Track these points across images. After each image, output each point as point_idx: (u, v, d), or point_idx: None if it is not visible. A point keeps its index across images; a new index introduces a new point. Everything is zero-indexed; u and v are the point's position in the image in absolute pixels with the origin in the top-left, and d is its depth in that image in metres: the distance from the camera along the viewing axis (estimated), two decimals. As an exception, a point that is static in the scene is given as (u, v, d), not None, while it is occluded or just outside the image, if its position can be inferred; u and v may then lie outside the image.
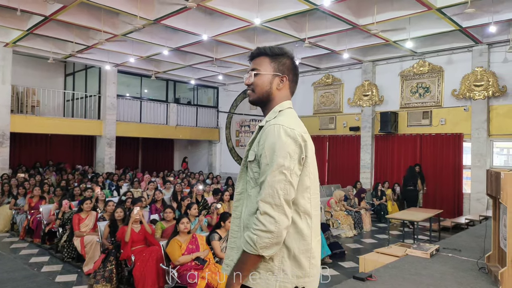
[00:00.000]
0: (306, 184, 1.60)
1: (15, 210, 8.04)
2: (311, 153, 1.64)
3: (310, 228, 1.61)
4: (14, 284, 5.01)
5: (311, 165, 1.63)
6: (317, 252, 1.66)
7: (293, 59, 1.78)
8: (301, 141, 1.56)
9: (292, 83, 1.77)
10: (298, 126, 1.62)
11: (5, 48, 11.11)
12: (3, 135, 11.16)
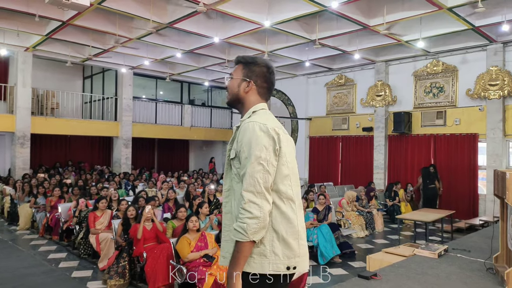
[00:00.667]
0: (284, 172, 1.76)
1: (35, 209, 8.35)
2: (285, 144, 1.79)
3: (295, 212, 1.77)
4: (33, 279, 5.24)
5: (288, 156, 1.79)
6: (304, 234, 1.81)
7: (266, 67, 1.95)
8: (273, 134, 1.73)
9: (261, 89, 1.94)
10: (271, 122, 1.79)
11: (26, 53, 11.53)
12: (24, 136, 11.57)
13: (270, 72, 1.97)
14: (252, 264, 1.71)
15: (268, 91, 1.98)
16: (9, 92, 12.00)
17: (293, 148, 1.89)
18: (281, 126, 1.83)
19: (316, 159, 14.03)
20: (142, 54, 11.45)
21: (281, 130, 1.81)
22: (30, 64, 11.74)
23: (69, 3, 4.37)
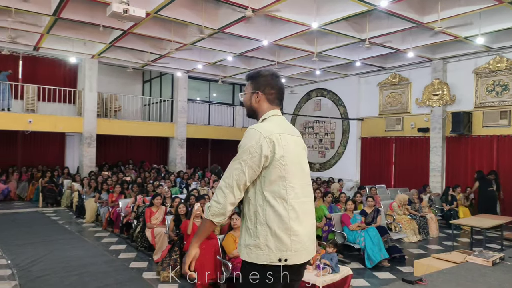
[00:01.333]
0: (278, 174, 1.98)
1: (99, 203, 9.10)
2: (284, 149, 2.00)
3: (287, 211, 1.98)
4: (95, 267, 5.75)
5: (286, 159, 2.00)
6: (300, 231, 2.01)
7: (270, 75, 2.19)
8: (266, 142, 1.96)
9: (270, 95, 2.18)
10: (272, 129, 2.02)
11: (92, 60, 12.55)
12: (91, 136, 12.60)
13: (274, 78, 2.19)
14: (250, 255, 1.98)
15: (277, 95, 2.20)
16: (78, 96, 13.14)
17: (296, 150, 2.08)
18: (284, 131, 2.05)
19: (368, 160, 13.71)
20: (195, 58, 11.97)
21: (284, 135, 2.03)
22: (95, 70, 12.76)
23: (127, 16, 4.78)
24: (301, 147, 2.17)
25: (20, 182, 12.47)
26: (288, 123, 2.22)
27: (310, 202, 2.14)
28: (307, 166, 2.21)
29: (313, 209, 2.18)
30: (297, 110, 16.53)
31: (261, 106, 2.18)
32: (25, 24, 9.30)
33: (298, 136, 2.20)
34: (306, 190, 2.12)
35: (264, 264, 1.95)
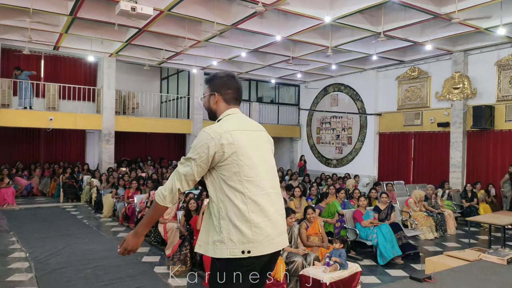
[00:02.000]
0: (232, 170, 2.06)
1: (116, 199, 9.29)
2: (236, 147, 2.07)
3: (245, 204, 2.05)
4: (109, 260, 5.89)
5: (240, 155, 2.07)
6: (262, 224, 2.07)
7: (226, 76, 2.27)
8: (212, 143, 2.04)
9: (226, 95, 2.26)
10: (222, 128, 2.10)
11: (110, 58, 12.79)
12: (109, 133, 12.87)
13: (230, 79, 2.27)
14: (216, 251, 2.05)
15: (234, 95, 2.27)
16: (97, 94, 13.43)
17: (254, 145, 2.14)
18: (237, 128, 2.12)
19: (386, 156, 13.47)
20: (210, 55, 12.02)
21: (235, 132, 2.10)
22: (114, 68, 13.00)
23: (135, 13, 4.85)
24: (263, 141, 2.25)
25: (42, 178, 12.88)
26: (247, 119, 2.29)
27: (276, 193, 2.20)
28: (271, 159, 2.28)
29: (279, 200, 2.23)
30: (313, 105, 16.39)
31: (219, 107, 2.27)
32: (44, 24, 9.55)
33: (259, 130, 2.28)
34: (272, 182, 2.18)
35: (229, 257, 2.02)
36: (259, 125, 2.33)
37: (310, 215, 5.59)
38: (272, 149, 2.35)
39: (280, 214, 2.20)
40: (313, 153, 16.36)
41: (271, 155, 2.29)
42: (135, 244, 2.17)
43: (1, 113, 11.19)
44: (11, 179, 11.23)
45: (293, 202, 7.60)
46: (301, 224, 5.50)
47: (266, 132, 2.34)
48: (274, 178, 2.23)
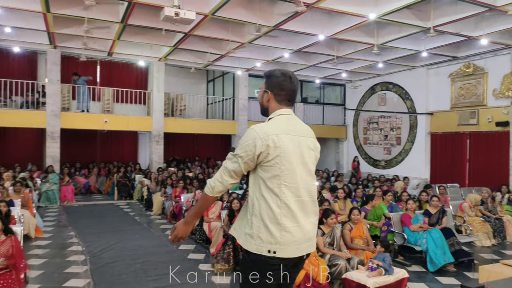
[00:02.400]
0: (273, 173, 2.11)
1: (164, 197, 9.66)
2: (281, 151, 2.11)
3: (279, 208, 2.09)
4: (157, 256, 6.15)
5: (282, 158, 2.11)
6: (292, 229, 2.11)
7: (282, 76, 2.26)
8: (259, 142, 2.09)
9: (278, 96, 2.27)
10: (272, 129, 2.13)
11: (159, 62, 13.34)
12: (159, 135, 13.42)
13: (285, 80, 2.26)
14: (246, 243, 2.15)
15: (286, 97, 2.27)
16: (148, 97, 14.05)
17: (298, 151, 2.16)
18: (285, 132, 2.13)
19: (438, 157, 12.80)
20: (254, 56, 12.13)
21: (282, 136, 2.12)
22: (163, 72, 13.54)
23: (178, 19, 5.03)
24: (308, 148, 2.25)
25: (99, 176, 13.69)
26: (297, 123, 2.29)
27: (311, 202, 2.22)
28: (312, 167, 2.28)
29: (313, 209, 2.24)
30: (360, 105, 15.98)
31: (271, 105, 2.29)
32: (99, 32, 10.17)
33: (306, 136, 2.26)
34: (308, 189, 2.20)
35: (255, 253, 2.09)
36: (308, 130, 2.32)
37: (355, 215, 5.47)
38: (316, 156, 2.33)
39: (311, 222, 2.22)
40: (359, 154, 15.94)
41: (313, 163, 2.29)
42: (184, 232, 2.29)
43: (61, 116, 12.07)
44: (71, 177, 12.07)
45: (337, 204, 7.47)
46: (345, 226, 5.40)
47: (314, 139, 2.33)
48: (311, 186, 2.24)
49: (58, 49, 11.92)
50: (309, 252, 2.22)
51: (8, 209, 5.64)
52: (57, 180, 11.08)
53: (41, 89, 12.76)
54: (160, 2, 7.71)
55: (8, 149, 13.46)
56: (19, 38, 10.89)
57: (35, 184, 10.38)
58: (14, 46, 11.51)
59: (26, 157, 13.32)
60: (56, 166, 11.79)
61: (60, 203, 10.85)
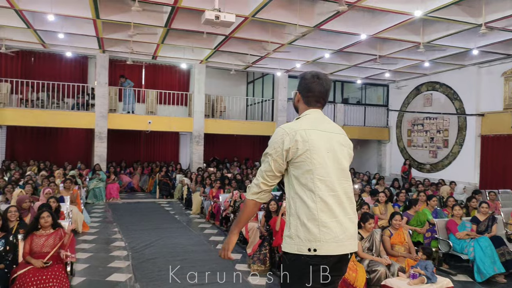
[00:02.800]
0: (305, 168, 2.10)
1: (203, 197, 9.84)
2: (310, 145, 2.11)
3: (315, 202, 2.07)
4: (195, 255, 6.27)
5: (313, 153, 2.10)
6: (331, 224, 2.06)
7: (311, 78, 2.28)
8: (287, 138, 2.11)
9: (306, 98, 2.31)
10: (299, 126, 2.16)
11: (200, 65, 13.63)
12: (199, 135, 13.70)
13: (314, 82, 2.28)
14: (285, 245, 2.12)
15: (314, 98, 2.29)
16: (189, 98, 14.40)
17: (328, 146, 2.14)
18: (314, 128, 2.15)
19: (489, 161, 12.05)
20: (294, 57, 12.06)
21: (311, 131, 2.14)
22: (204, 74, 13.82)
23: (219, 22, 5.11)
24: (340, 143, 2.22)
25: (142, 175, 14.22)
26: (326, 121, 2.28)
27: (346, 197, 2.16)
28: (345, 163, 2.23)
29: (350, 205, 2.18)
30: (404, 106, 15.41)
31: (300, 106, 2.35)
32: (144, 36, 10.57)
33: (337, 133, 2.25)
34: (342, 185, 2.16)
35: (296, 253, 2.06)
36: (339, 128, 2.31)
37: (396, 221, 5.27)
38: (350, 153, 2.29)
39: (350, 219, 2.15)
40: (403, 156, 15.36)
41: (346, 158, 2.24)
42: (228, 242, 2.26)
43: (109, 117, 12.67)
44: (116, 176, 12.62)
45: (377, 208, 7.24)
46: (384, 231, 5.22)
47: (345, 136, 2.30)
48: (345, 182, 2.19)
49: (106, 53, 12.53)
50: (351, 251, 2.14)
51: (58, 204, 5.99)
52: (104, 178, 11.63)
53: (91, 91, 13.48)
54: (202, 6, 7.90)
55: (60, 149, 14.33)
56: (71, 44, 11.56)
57: (84, 181, 10.96)
58: (66, 51, 12.23)
59: (76, 156, 14.13)
60: (103, 165, 12.39)
61: (106, 200, 11.37)
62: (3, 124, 12.08)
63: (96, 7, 8.29)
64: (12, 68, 13.16)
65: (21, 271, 3.90)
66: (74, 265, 5.17)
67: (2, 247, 4.10)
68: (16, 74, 13.04)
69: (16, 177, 9.33)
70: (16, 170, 10.64)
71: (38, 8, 8.59)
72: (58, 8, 8.56)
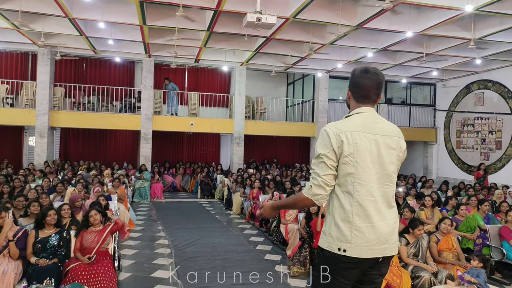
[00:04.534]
0: (347, 171, 2.07)
1: (243, 198, 9.93)
2: (354, 148, 2.07)
3: (351, 206, 2.06)
4: (235, 255, 6.34)
5: (357, 156, 2.07)
6: (364, 229, 2.05)
7: (358, 72, 2.22)
8: (335, 138, 2.08)
9: (355, 94, 2.25)
10: (344, 127, 2.12)
11: (241, 67, 13.78)
12: (239, 137, 13.85)
13: (361, 76, 2.20)
14: (320, 240, 2.19)
15: (362, 94, 2.21)
16: (230, 100, 14.60)
17: (375, 149, 2.09)
18: (360, 130, 2.10)
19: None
20: (335, 57, 11.88)
21: (357, 133, 2.09)
22: (244, 76, 13.97)
23: (260, 24, 5.15)
24: (388, 146, 2.15)
25: (184, 175, 14.59)
26: (376, 121, 2.18)
27: (385, 202, 2.12)
28: (391, 167, 2.15)
29: (388, 210, 2.13)
30: (453, 105, 14.68)
31: (350, 103, 2.30)
32: (187, 40, 10.87)
33: (386, 135, 2.16)
34: (383, 189, 2.11)
35: (328, 250, 2.10)
36: (392, 128, 2.21)
37: (446, 225, 5.01)
38: (400, 156, 2.20)
39: (386, 223, 2.11)
40: (451, 159, 14.64)
41: (394, 162, 2.16)
42: (269, 215, 2.42)
43: (153, 119, 13.14)
44: (160, 176, 13.04)
45: (423, 212, 6.94)
46: (431, 237, 4.99)
47: (399, 137, 2.20)
48: (387, 186, 2.13)
49: (152, 57, 13.02)
50: (385, 255, 2.09)
51: (107, 202, 6.30)
52: (149, 178, 12.07)
53: (137, 94, 14.05)
54: (243, 9, 8.00)
55: (108, 149, 15.06)
56: (119, 49, 12.13)
57: (130, 181, 11.43)
58: (115, 56, 12.85)
59: (123, 156, 14.79)
60: (147, 165, 12.87)
61: (150, 199, 11.79)
62: (58, 126, 12.87)
63: (143, 14, 8.64)
64: (66, 74, 14.01)
65: (73, 265, 4.14)
66: (121, 261, 5.42)
67: (56, 242, 4.37)
68: (70, 79, 13.88)
69: (68, 176, 9.92)
70: (69, 169, 11.30)
71: (90, 17, 9.10)
72: (108, 16, 9.02)
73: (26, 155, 14.28)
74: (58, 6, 8.29)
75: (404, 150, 2.23)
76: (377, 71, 2.21)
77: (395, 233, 2.17)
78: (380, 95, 2.24)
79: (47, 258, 4.22)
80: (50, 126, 12.43)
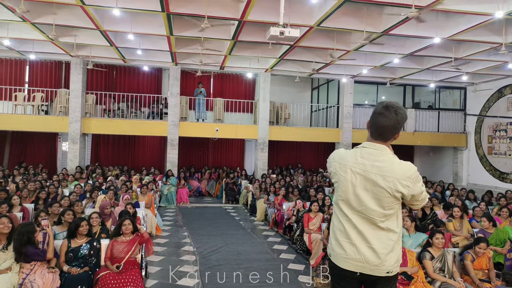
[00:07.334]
0: (337, 193, 2.42)
1: (267, 204, 9.98)
2: (338, 179, 2.38)
3: (337, 221, 2.39)
4: (259, 263, 6.40)
5: (340, 187, 2.38)
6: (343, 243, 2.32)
7: (375, 112, 2.32)
8: (328, 164, 2.52)
9: (371, 128, 2.38)
10: (341, 157, 2.41)
11: (265, 73, 13.87)
12: (264, 142, 13.93)
13: (378, 115, 2.30)
14: None
15: (375, 131, 2.33)
16: (254, 106, 14.72)
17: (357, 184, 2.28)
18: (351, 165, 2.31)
19: None
20: (361, 62, 11.76)
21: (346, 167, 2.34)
22: (268, 82, 14.05)
23: (283, 37, 5.21)
24: (375, 184, 2.24)
25: (210, 180, 14.81)
26: (376, 159, 2.27)
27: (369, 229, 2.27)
28: (371, 202, 2.26)
29: (369, 236, 2.26)
30: (484, 110, 14.21)
31: (368, 132, 2.46)
32: (212, 49, 11.07)
33: (379, 174, 2.23)
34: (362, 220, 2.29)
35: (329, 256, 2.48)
36: (393, 169, 2.22)
37: (481, 249, 4.74)
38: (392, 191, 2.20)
39: (370, 248, 2.26)
40: (482, 165, 14.16)
41: (380, 199, 2.23)
42: None
43: (180, 125, 13.42)
44: (186, 181, 13.30)
45: (452, 223, 6.76)
46: (467, 256, 4.81)
47: (397, 179, 2.19)
48: (370, 217, 2.28)
49: (178, 65, 13.32)
50: (363, 272, 2.28)
51: (135, 210, 6.51)
52: (175, 183, 12.33)
53: (164, 101, 14.40)
54: (268, 19, 8.09)
55: (137, 155, 15.49)
56: (147, 58, 12.49)
57: (157, 186, 11.72)
58: (143, 65, 13.22)
59: (151, 161, 15.18)
60: (174, 170, 13.14)
61: (176, 204, 12.05)
62: (89, 132, 13.37)
63: (170, 25, 8.88)
64: (97, 82, 14.54)
65: (103, 273, 4.33)
66: (148, 268, 5.59)
67: (87, 252, 4.58)
68: (101, 87, 14.39)
69: (99, 182, 10.28)
70: (100, 175, 11.71)
71: (119, 29, 9.44)
72: (136, 28, 9.32)
73: (60, 160, 14.91)
74: (89, 20, 8.66)
75: (406, 185, 2.20)
76: (398, 111, 2.23)
77: (385, 260, 2.24)
78: (398, 134, 2.30)
79: (78, 267, 4.44)
80: (82, 132, 12.93)
